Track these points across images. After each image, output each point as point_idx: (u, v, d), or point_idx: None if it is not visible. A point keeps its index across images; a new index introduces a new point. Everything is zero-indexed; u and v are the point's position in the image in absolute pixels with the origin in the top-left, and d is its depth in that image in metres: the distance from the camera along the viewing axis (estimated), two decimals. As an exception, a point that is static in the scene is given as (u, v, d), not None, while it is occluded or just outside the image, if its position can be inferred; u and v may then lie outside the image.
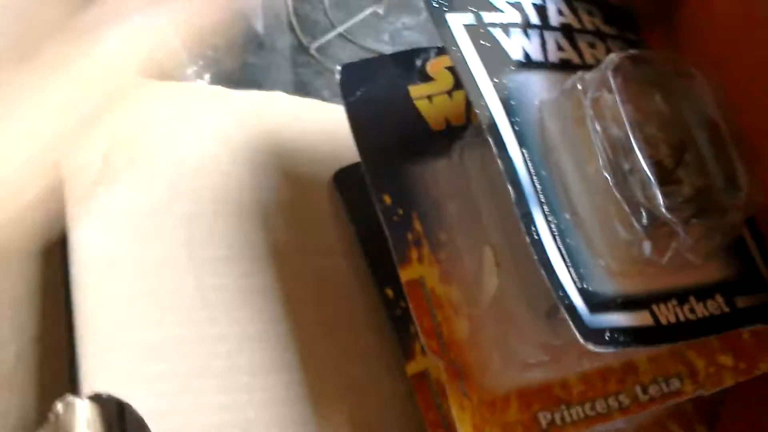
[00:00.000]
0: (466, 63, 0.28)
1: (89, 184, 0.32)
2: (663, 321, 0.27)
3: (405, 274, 0.32)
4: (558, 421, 0.31)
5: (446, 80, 0.34)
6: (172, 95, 0.36)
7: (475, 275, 0.32)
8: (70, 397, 0.29)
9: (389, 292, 0.35)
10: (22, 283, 0.32)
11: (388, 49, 0.52)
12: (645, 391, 0.32)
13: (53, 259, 0.32)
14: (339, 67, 0.34)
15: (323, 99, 0.48)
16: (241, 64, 0.44)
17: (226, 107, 0.37)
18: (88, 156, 0.32)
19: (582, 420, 0.31)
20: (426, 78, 0.34)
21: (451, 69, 0.34)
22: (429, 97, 0.34)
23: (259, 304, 0.33)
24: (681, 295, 0.28)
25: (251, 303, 0.33)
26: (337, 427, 0.33)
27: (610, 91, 0.27)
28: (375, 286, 0.35)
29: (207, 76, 0.44)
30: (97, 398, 0.29)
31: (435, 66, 0.34)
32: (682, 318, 0.28)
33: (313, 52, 0.50)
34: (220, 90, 0.37)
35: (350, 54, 0.51)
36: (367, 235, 0.36)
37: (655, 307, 0.28)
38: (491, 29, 0.30)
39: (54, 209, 0.30)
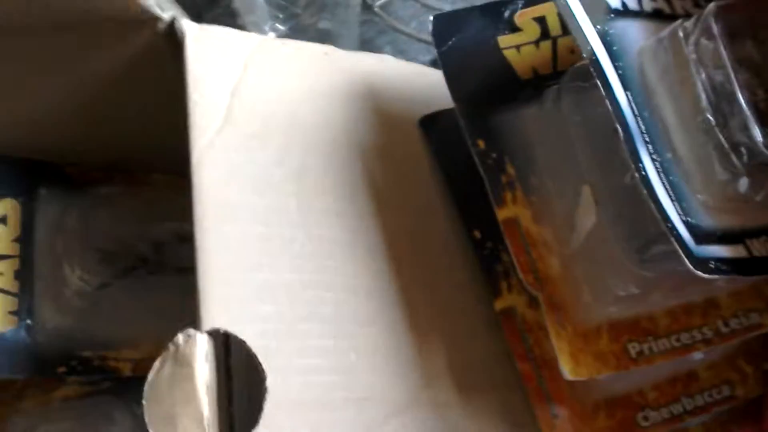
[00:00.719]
0: (571, 10, 0.30)
1: (213, 132, 0.33)
2: (756, 254, 0.29)
3: (501, 214, 0.33)
4: (646, 351, 0.33)
5: (533, 31, 0.36)
6: (289, 53, 0.37)
7: (567, 216, 0.34)
8: (192, 330, 0.30)
9: (476, 234, 0.36)
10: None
11: (447, 7, 0.53)
12: (726, 324, 0.34)
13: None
14: (431, 18, 0.35)
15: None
16: (316, 19, 0.46)
17: (337, 66, 0.38)
18: (213, 106, 0.33)
19: (669, 350, 0.33)
20: (514, 28, 0.36)
21: (538, 20, 0.36)
22: (517, 47, 0.36)
23: (364, 258, 0.35)
24: (771, 231, 0.30)
25: (357, 256, 0.34)
26: (434, 377, 0.34)
27: (710, 37, 0.29)
28: (463, 228, 0.37)
29: (283, 30, 0.45)
30: (213, 333, 0.31)
31: (522, 17, 0.36)
32: (772, 252, 0.30)
33: (377, 9, 0.51)
34: (331, 49, 0.38)
35: (412, 12, 0.53)
36: (454, 180, 0.37)
37: (748, 241, 0.29)
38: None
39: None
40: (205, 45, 0.35)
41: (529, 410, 0.35)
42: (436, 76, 0.37)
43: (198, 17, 0.37)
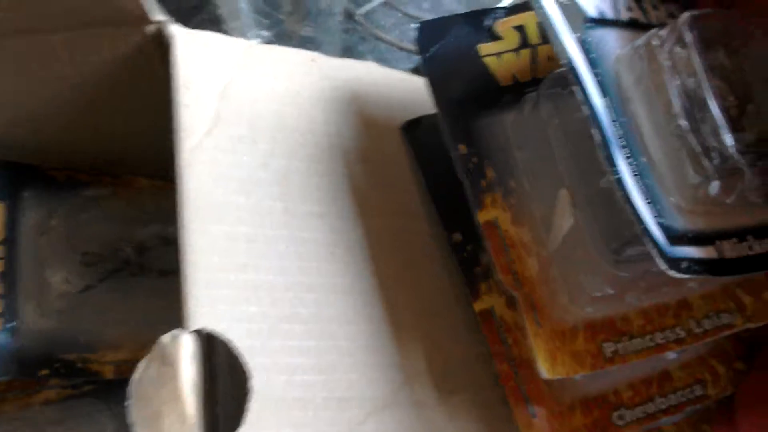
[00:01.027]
0: (550, 19, 0.31)
1: (201, 134, 0.34)
2: (726, 255, 0.30)
3: (481, 216, 0.34)
4: (621, 350, 0.34)
5: (513, 39, 0.37)
6: (276, 59, 0.38)
7: (544, 218, 0.34)
8: (177, 330, 0.30)
9: (456, 237, 0.37)
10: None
11: (428, 16, 0.54)
12: (699, 324, 0.35)
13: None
14: (416, 25, 0.36)
15: (366, 61, 0.50)
16: (300, 27, 0.46)
17: (323, 72, 0.39)
18: (201, 108, 0.34)
19: (643, 350, 0.34)
20: (495, 37, 0.37)
21: (518, 28, 0.37)
22: (498, 55, 0.37)
23: (345, 260, 0.35)
24: (741, 234, 0.31)
25: (338, 258, 0.35)
26: (414, 376, 0.35)
27: (683, 46, 0.30)
28: (444, 231, 0.37)
29: (267, 36, 0.46)
30: (198, 333, 0.31)
31: (503, 26, 0.37)
32: (742, 254, 0.31)
33: (359, 18, 0.52)
34: (318, 56, 0.39)
35: (393, 21, 0.54)
36: (435, 183, 0.38)
37: (719, 243, 0.30)
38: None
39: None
40: (193, 49, 0.36)
41: (507, 410, 0.35)
42: (419, 83, 0.38)
43: (182, 23, 0.37)
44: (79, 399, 0.47)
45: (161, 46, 0.36)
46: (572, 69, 0.30)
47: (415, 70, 0.48)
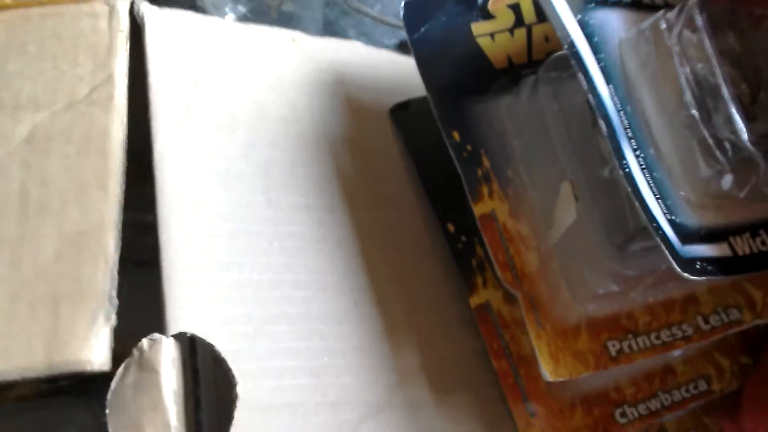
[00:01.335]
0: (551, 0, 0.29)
1: (176, 124, 0.32)
2: (739, 252, 0.29)
3: (478, 209, 0.32)
4: (626, 349, 0.32)
5: (507, 18, 0.35)
6: (254, 40, 0.36)
7: (544, 210, 0.33)
8: (156, 335, 0.29)
9: (450, 227, 0.35)
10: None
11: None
12: (706, 321, 0.33)
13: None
14: (402, 4, 0.34)
15: (349, 39, 0.47)
16: (279, 1, 0.44)
17: (305, 54, 0.37)
18: (175, 95, 0.32)
19: (648, 348, 0.32)
20: (487, 15, 0.35)
21: (512, 6, 0.35)
22: (491, 35, 0.34)
23: (334, 254, 0.34)
24: (753, 228, 0.29)
25: (327, 252, 0.33)
26: (409, 376, 0.33)
27: (694, 29, 0.28)
28: (436, 221, 0.36)
29: (243, 12, 0.44)
30: (180, 337, 0.29)
31: (496, 3, 0.35)
32: (755, 250, 0.29)
33: (340, -9, 0.49)
34: (299, 35, 0.37)
35: (375, -7, 0.51)
36: (427, 170, 0.36)
37: (732, 239, 0.29)
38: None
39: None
40: (165, 31, 0.34)
41: (506, 408, 0.34)
42: (407, 63, 0.36)
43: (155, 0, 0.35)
44: (55, 396, 0.45)
45: (132, 26, 0.33)
46: (576, 55, 0.28)
47: (400, 46, 0.46)
